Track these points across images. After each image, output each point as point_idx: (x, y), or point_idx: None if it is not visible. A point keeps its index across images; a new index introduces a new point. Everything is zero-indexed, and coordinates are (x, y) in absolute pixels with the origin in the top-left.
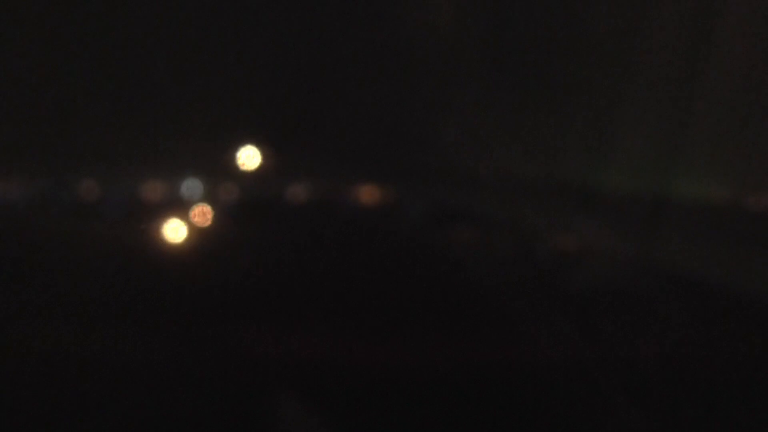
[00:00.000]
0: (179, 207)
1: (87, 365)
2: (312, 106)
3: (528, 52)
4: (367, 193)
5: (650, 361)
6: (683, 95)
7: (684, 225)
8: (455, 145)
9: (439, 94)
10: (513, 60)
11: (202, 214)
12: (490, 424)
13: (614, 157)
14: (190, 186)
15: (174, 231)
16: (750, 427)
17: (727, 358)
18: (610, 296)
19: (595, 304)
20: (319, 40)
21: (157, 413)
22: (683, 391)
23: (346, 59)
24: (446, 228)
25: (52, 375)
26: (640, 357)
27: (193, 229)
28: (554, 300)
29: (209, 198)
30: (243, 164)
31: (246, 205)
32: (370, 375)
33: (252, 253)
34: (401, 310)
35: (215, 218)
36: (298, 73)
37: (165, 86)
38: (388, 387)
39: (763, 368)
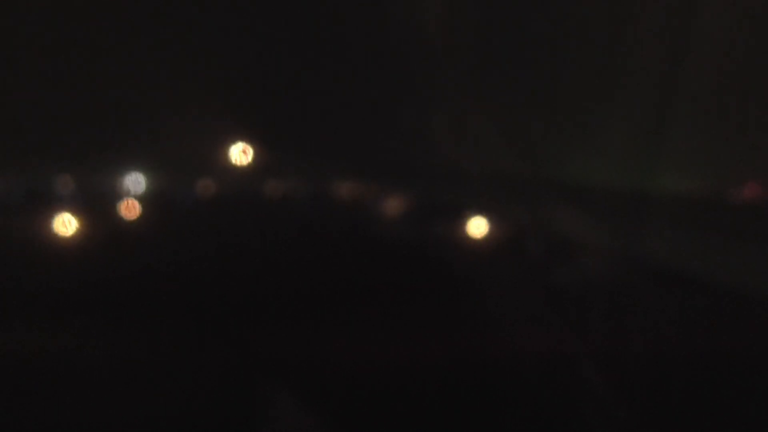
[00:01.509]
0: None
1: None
2: (300, 102)
3: (516, 49)
4: (355, 189)
5: (638, 354)
6: (668, 91)
7: (670, 219)
8: (443, 140)
9: (428, 90)
10: (501, 57)
11: (130, 208)
12: (482, 420)
13: (601, 152)
14: (134, 180)
15: (64, 224)
16: (741, 421)
17: (715, 351)
18: (598, 290)
19: (584, 298)
20: (307, 37)
21: (154, 413)
22: (671, 384)
23: (335, 56)
24: (435, 223)
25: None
26: (629, 351)
27: (121, 223)
28: (543, 294)
29: (155, 192)
30: (233, 160)
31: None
32: (365, 372)
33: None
34: (388, 306)
35: (143, 212)
36: (286, 69)
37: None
38: (381, 384)
39: (752, 361)
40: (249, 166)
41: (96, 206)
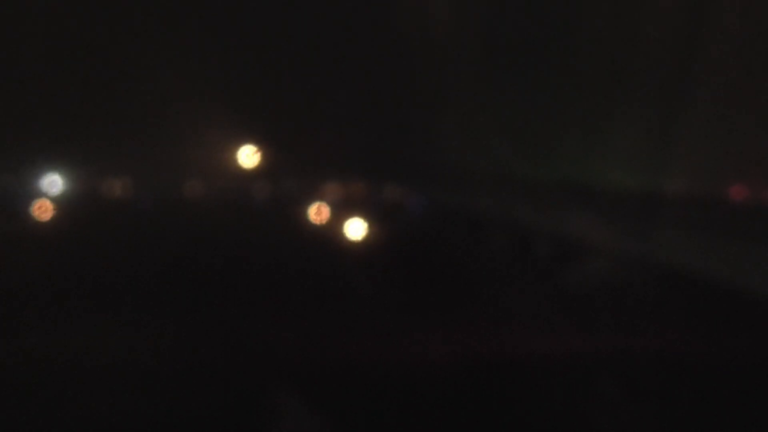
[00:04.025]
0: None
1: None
2: (305, 104)
3: (525, 51)
4: (356, 192)
5: (646, 355)
6: (678, 94)
7: (680, 221)
8: (452, 143)
9: (436, 92)
10: (510, 59)
11: (42, 208)
12: (487, 420)
13: (611, 154)
14: (51, 181)
15: None
16: (746, 423)
17: (723, 353)
18: (607, 292)
19: (592, 300)
20: (316, 40)
21: (155, 412)
22: (679, 385)
23: (343, 58)
24: (443, 225)
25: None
26: (637, 352)
27: (34, 223)
28: (551, 296)
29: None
30: (241, 163)
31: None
32: (369, 372)
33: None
34: (396, 308)
35: (57, 213)
36: (293, 71)
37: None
38: (386, 384)
39: (759, 363)
40: (251, 168)
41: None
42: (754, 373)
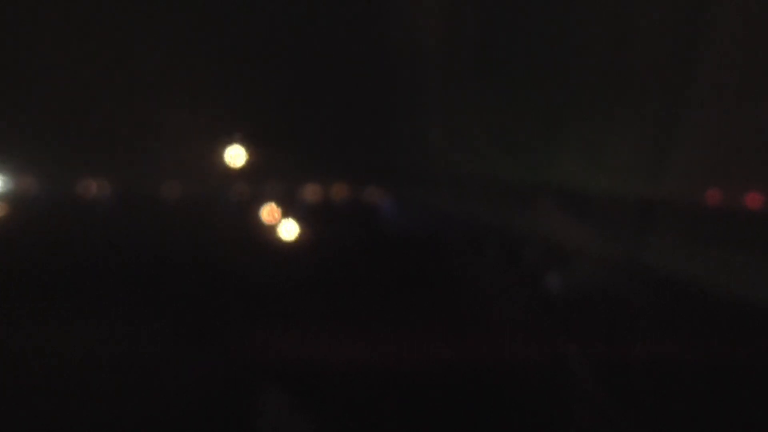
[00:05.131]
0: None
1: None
2: (296, 107)
3: (517, 55)
4: (347, 194)
5: (637, 361)
6: (673, 99)
7: (672, 228)
8: (443, 148)
9: (427, 96)
10: (502, 64)
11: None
12: (479, 423)
13: (604, 160)
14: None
15: None
16: (738, 427)
17: (713, 358)
18: (599, 298)
19: (584, 306)
20: (307, 41)
21: (148, 412)
22: (670, 391)
23: (334, 60)
24: (435, 231)
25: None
26: (628, 358)
27: None
28: (543, 302)
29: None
30: (231, 162)
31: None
32: (361, 375)
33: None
34: (389, 311)
35: (9, 213)
36: (282, 72)
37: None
38: (377, 386)
39: (748, 368)
40: (237, 168)
41: None
42: (749, 380)
